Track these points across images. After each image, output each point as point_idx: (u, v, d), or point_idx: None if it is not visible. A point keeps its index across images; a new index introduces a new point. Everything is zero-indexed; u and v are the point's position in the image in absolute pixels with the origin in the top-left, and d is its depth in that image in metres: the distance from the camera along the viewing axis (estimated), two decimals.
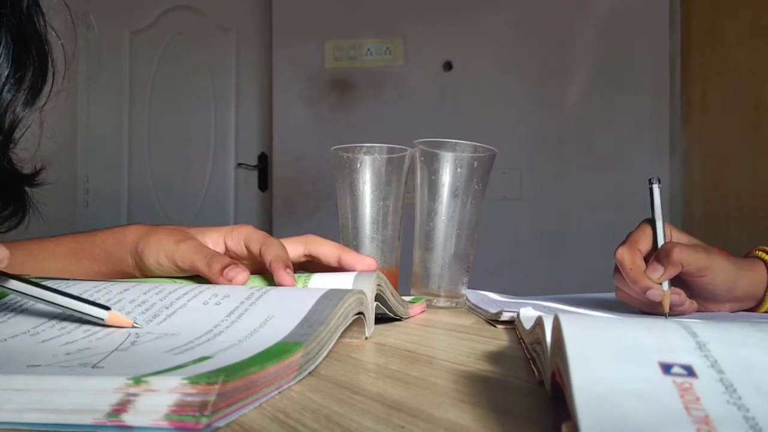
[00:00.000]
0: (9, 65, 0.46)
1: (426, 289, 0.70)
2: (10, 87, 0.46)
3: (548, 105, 2.31)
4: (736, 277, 0.59)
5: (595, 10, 2.28)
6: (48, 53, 0.49)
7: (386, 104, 2.41)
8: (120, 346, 0.29)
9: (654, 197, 0.59)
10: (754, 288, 0.60)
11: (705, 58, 2.06)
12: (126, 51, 2.83)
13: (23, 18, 0.46)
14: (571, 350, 0.20)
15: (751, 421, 0.16)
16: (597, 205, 2.18)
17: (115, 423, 0.20)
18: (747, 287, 0.60)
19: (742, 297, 0.61)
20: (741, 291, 0.60)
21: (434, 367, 0.32)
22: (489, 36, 2.34)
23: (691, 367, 0.19)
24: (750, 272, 0.60)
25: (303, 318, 0.32)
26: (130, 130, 2.87)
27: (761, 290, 0.60)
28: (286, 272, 0.45)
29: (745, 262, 0.61)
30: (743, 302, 0.62)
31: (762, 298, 0.61)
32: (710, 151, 2.01)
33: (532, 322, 0.34)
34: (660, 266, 0.56)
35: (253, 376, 0.23)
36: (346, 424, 0.22)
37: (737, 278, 0.59)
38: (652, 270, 0.56)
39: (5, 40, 0.45)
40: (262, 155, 2.72)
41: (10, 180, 0.49)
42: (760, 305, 0.61)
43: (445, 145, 0.69)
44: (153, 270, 0.50)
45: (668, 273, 0.56)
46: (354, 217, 0.71)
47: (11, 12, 0.45)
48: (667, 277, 0.56)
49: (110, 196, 2.88)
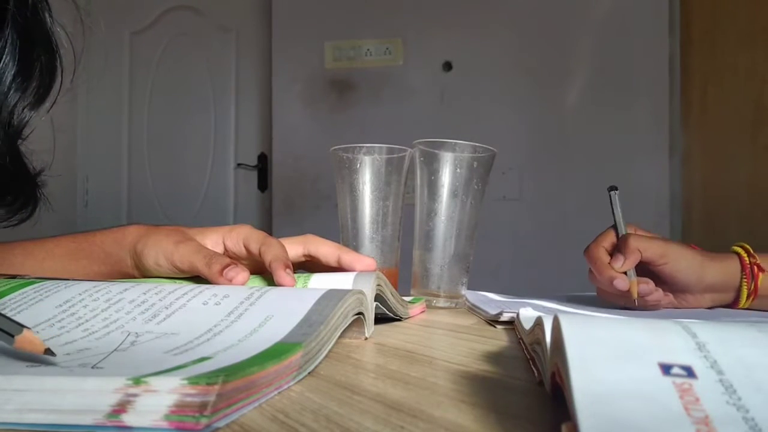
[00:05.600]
0: (15, 63, 0.46)
1: (425, 290, 0.70)
2: (17, 86, 0.46)
3: (548, 105, 2.31)
4: (703, 266, 0.61)
5: (595, 10, 2.28)
6: (56, 51, 0.49)
7: (386, 104, 2.41)
8: (119, 347, 0.29)
9: (614, 204, 0.66)
10: (727, 277, 0.62)
11: (704, 59, 2.06)
12: (126, 51, 2.83)
13: (29, 14, 0.46)
14: (571, 350, 0.20)
15: (750, 421, 0.16)
16: (597, 205, 2.17)
17: (114, 423, 0.20)
18: (717, 276, 0.62)
19: (715, 286, 0.62)
20: (711, 279, 0.62)
21: (434, 368, 0.32)
22: (489, 36, 2.34)
23: (690, 368, 0.19)
24: (719, 262, 0.62)
25: (303, 318, 0.32)
26: (129, 130, 2.87)
27: (735, 280, 0.62)
28: (286, 272, 0.45)
29: (715, 254, 0.64)
30: (719, 292, 0.63)
31: (738, 289, 0.62)
32: (710, 151, 2.01)
33: (531, 323, 0.34)
34: (621, 256, 0.61)
35: (253, 377, 0.23)
36: (346, 424, 0.22)
37: (704, 267, 0.61)
38: (615, 260, 0.61)
39: (11, 38, 0.45)
40: (261, 155, 2.72)
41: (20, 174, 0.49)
42: (739, 296, 0.62)
43: (444, 146, 0.69)
44: (152, 270, 0.50)
45: (628, 261, 0.60)
46: (354, 218, 0.71)
47: (17, 8, 0.45)
48: (628, 265, 0.60)
49: (110, 196, 2.88)
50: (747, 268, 0.61)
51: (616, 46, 2.25)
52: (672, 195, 2.19)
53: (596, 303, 0.68)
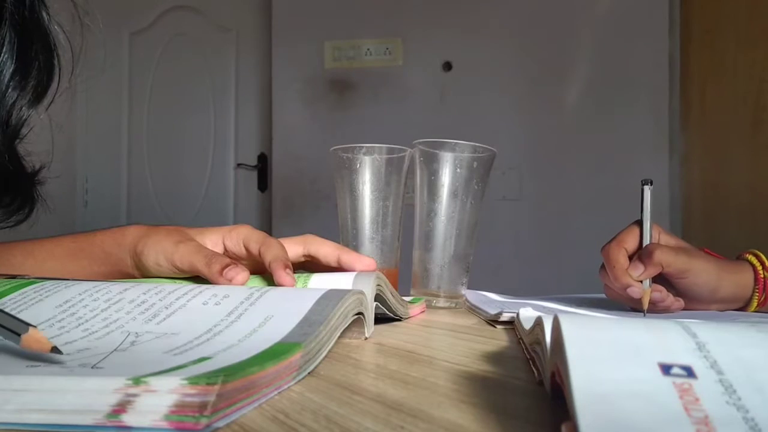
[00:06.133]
0: (13, 62, 0.46)
1: (425, 290, 0.70)
2: (15, 84, 0.46)
3: (548, 105, 2.31)
4: (719, 279, 0.60)
5: (595, 10, 2.28)
6: (54, 50, 0.49)
7: (386, 104, 2.41)
8: (119, 347, 0.29)
9: (644, 198, 0.61)
10: (739, 290, 0.61)
11: (704, 59, 2.06)
12: (125, 51, 2.83)
13: (27, 13, 0.46)
14: (571, 351, 0.20)
15: (750, 422, 0.16)
16: (597, 205, 2.18)
17: (114, 423, 0.20)
18: (731, 289, 0.61)
19: (726, 299, 0.62)
20: (725, 293, 0.61)
21: (434, 368, 0.32)
22: (488, 36, 2.34)
23: (690, 368, 0.19)
24: (734, 275, 0.61)
25: (302, 318, 0.32)
26: (129, 130, 2.87)
27: (747, 293, 0.61)
28: (286, 272, 0.45)
29: (730, 264, 0.62)
30: (729, 304, 0.63)
31: (749, 299, 0.62)
32: (710, 151, 2.01)
33: (531, 323, 0.34)
34: (641, 265, 0.59)
35: (253, 377, 0.23)
36: (346, 424, 0.22)
37: (720, 280, 0.60)
38: (634, 268, 0.59)
39: (9, 36, 0.45)
40: (261, 155, 2.72)
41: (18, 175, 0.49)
42: (747, 306, 0.62)
43: (444, 146, 0.69)
44: (152, 271, 0.50)
45: (648, 272, 0.58)
46: (353, 218, 0.71)
47: (15, 7, 0.45)
48: (647, 276, 0.58)
49: (110, 196, 2.88)
50: (761, 282, 0.61)
51: (616, 46, 2.25)
52: (672, 195, 2.19)
53: (596, 303, 0.68)
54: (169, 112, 2.82)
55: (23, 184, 0.50)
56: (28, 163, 0.50)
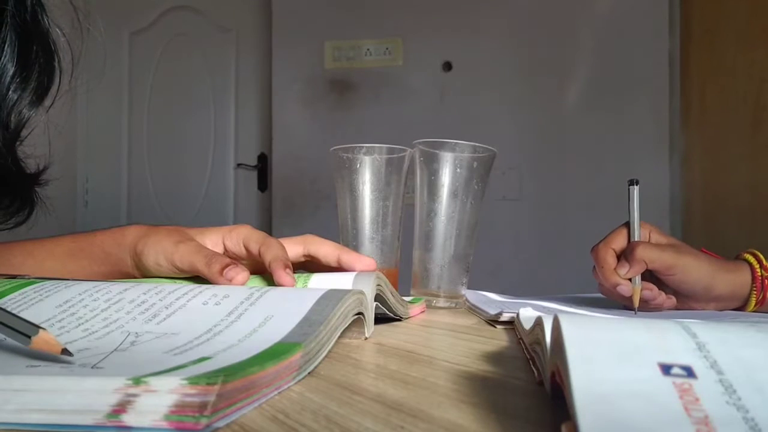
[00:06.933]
0: (14, 64, 0.46)
1: (425, 290, 0.70)
2: (16, 86, 0.46)
3: (548, 105, 2.31)
4: (713, 277, 0.60)
5: (595, 10, 2.28)
6: (54, 52, 0.49)
7: (386, 105, 2.41)
8: (119, 347, 0.29)
9: (631, 198, 0.63)
10: (736, 289, 0.61)
11: (704, 59, 2.06)
12: (125, 51, 2.83)
13: (28, 16, 0.46)
14: (571, 351, 0.20)
15: (750, 422, 0.16)
16: (597, 205, 2.18)
17: (114, 423, 0.20)
18: (727, 287, 0.61)
19: (723, 297, 0.62)
20: (720, 291, 0.61)
21: (434, 368, 0.32)
22: (488, 36, 2.34)
23: (690, 368, 0.19)
24: (730, 273, 0.61)
25: (302, 318, 0.32)
26: (129, 130, 2.87)
27: (744, 291, 0.61)
28: (286, 272, 0.45)
29: (727, 263, 0.62)
30: (726, 302, 0.62)
31: (747, 298, 0.61)
32: (710, 151, 2.01)
33: (531, 323, 0.34)
34: (626, 263, 0.60)
35: (253, 377, 0.23)
36: (346, 424, 0.22)
37: (714, 278, 0.60)
38: (620, 267, 0.60)
39: (10, 38, 0.45)
40: (261, 155, 2.72)
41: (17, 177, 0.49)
42: (746, 305, 0.62)
43: (444, 146, 0.69)
44: (152, 271, 0.50)
45: (633, 270, 0.59)
46: (353, 218, 0.71)
47: (15, 10, 0.45)
48: (633, 274, 0.59)
49: (110, 196, 2.88)
50: (758, 281, 0.60)
51: (615, 45, 2.25)
52: (672, 194, 2.19)
53: (596, 303, 0.68)
54: (169, 112, 2.82)
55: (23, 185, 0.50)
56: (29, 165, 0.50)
